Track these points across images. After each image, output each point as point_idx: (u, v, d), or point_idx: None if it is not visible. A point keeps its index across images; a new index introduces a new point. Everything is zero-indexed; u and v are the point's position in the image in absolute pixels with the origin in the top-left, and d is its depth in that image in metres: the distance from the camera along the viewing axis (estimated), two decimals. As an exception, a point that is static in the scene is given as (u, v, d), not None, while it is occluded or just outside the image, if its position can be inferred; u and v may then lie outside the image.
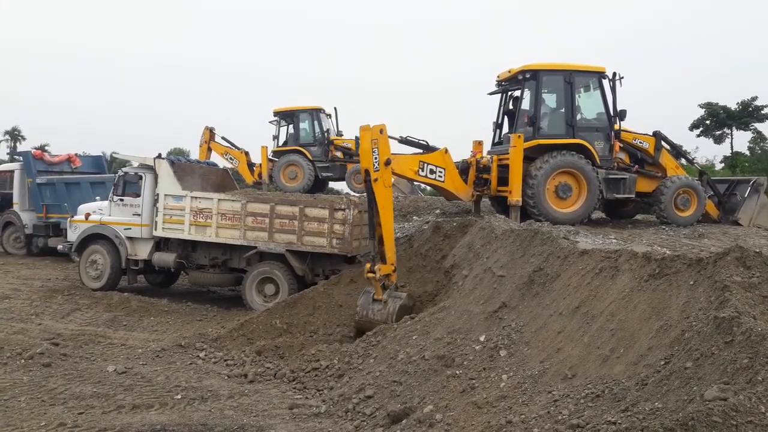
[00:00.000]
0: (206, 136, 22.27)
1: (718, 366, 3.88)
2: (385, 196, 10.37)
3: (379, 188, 10.33)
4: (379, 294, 9.68)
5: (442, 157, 12.48)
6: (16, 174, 19.81)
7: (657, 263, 5.54)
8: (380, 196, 10.30)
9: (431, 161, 12.26)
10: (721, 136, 39.95)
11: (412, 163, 11.99)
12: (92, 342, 9.35)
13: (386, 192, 10.42)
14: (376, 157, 10.31)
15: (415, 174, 12.02)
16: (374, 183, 10.24)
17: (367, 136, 10.26)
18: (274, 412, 6.66)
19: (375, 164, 10.22)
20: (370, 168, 10.25)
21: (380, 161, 10.37)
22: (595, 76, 12.89)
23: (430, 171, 12.17)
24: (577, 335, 5.68)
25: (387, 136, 10.71)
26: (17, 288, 13.51)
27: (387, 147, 10.69)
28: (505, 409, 5.19)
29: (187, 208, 12.61)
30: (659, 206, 13.11)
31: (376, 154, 10.31)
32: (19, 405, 6.60)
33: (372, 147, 10.28)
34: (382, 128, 10.53)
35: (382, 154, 10.41)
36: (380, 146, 10.43)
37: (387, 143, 10.72)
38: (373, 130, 10.37)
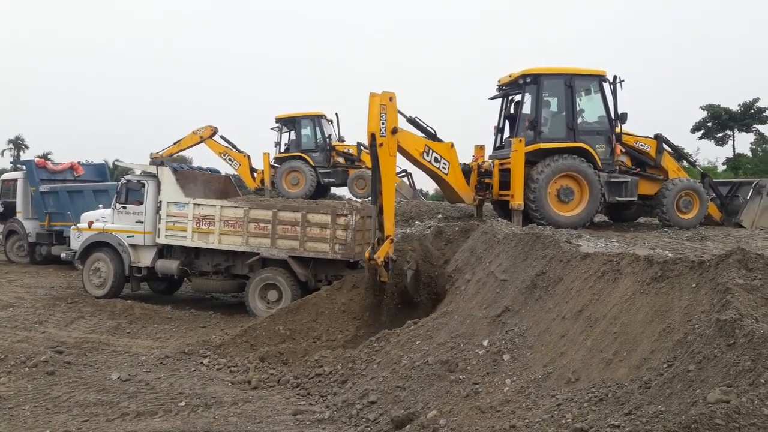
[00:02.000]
0: (207, 132, 22.23)
1: (721, 369, 3.88)
2: (389, 165, 10.29)
3: (384, 154, 10.21)
4: (385, 277, 9.65)
5: (448, 150, 12.45)
6: (19, 182, 19.89)
7: (659, 266, 5.55)
8: (384, 163, 10.21)
9: (437, 150, 12.21)
10: (723, 138, 39.91)
11: (419, 143, 11.89)
12: (96, 350, 9.36)
13: (390, 161, 10.34)
14: (384, 122, 10.21)
15: (419, 155, 11.89)
16: (379, 148, 10.15)
17: (377, 101, 10.21)
18: (278, 418, 6.66)
19: (382, 129, 10.13)
20: (376, 132, 10.15)
21: (387, 128, 10.27)
22: (595, 79, 12.91)
23: (435, 159, 12.09)
24: (580, 339, 5.68)
25: (396, 105, 10.62)
26: (21, 296, 13.55)
27: (395, 116, 10.61)
28: (508, 414, 5.19)
29: (190, 215, 12.63)
30: (661, 209, 13.10)
31: (384, 120, 10.21)
32: (24, 413, 6.62)
33: (380, 112, 10.21)
34: (392, 96, 10.46)
35: (390, 121, 10.31)
36: (388, 113, 10.34)
37: (395, 112, 10.64)
38: (382, 96, 10.32)
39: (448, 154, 12.39)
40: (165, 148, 22.36)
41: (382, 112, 10.25)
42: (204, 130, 22.24)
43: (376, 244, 9.93)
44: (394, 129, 10.36)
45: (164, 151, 21.95)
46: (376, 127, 10.15)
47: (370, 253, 9.80)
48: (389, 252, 9.78)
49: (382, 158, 10.17)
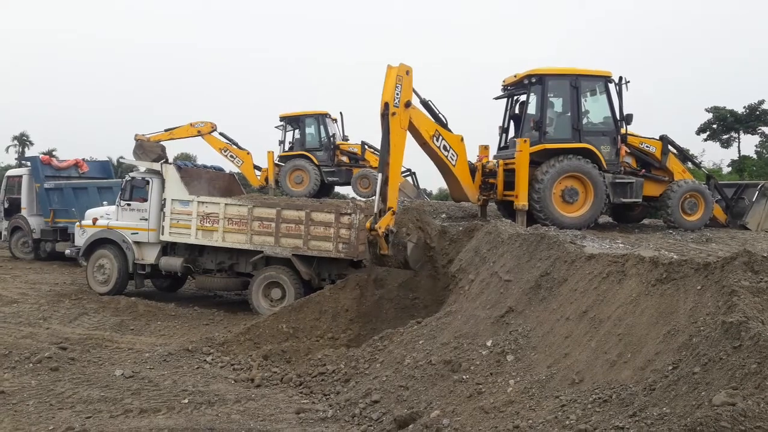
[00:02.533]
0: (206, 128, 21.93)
1: (727, 371, 3.87)
2: (399, 137, 10.30)
3: (395, 125, 10.23)
4: (385, 248, 9.63)
5: (457, 142, 12.44)
6: (24, 179, 19.95)
7: (664, 268, 5.53)
8: (394, 134, 10.23)
9: (447, 138, 12.17)
10: (728, 140, 39.78)
11: (430, 126, 11.83)
12: (100, 346, 9.38)
13: (401, 133, 10.34)
14: (398, 93, 10.25)
15: (429, 138, 11.83)
16: (391, 117, 10.18)
17: (393, 72, 10.28)
18: (281, 416, 6.67)
19: (396, 100, 10.17)
20: (390, 101, 10.19)
21: (401, 99, 10.31)
22: (601, 80, 12.89)
23: (444, 147, 12.05)
24: (584, 340, 5.66)
25: (412, 80, 10.63)
26: (25, 292, 13.58)
27: (410, 90, 10.65)
28: (512, 414, 5.18)
29: (194, 212, 12.66)
30: (666, 210, 13.07)
31: (399, 91, 10.26)
32: (28, 409, 6.63)
33: (396, 83, 10.27)
34: (409, 70, 10.52)
35: (404, 94, 10.34)
36: (404, 85, 10.39)
37: (410, 87, 10.68)
38: (399, 67, 10.38)
39: (458, 147, 12.40)
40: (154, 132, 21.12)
41: (397, 83, 10.31)
42: (203, 125, 21.88)
43: (378, 215, 9.91)
44: (408, 102, 10.40)
45: (152, 136, 20.62)
46: (390, 97, 10.20)
47: (371, 224, 9.82)
48: (390, 224, 9.79)
49: (393, 129, 10.18)
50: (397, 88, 10.29)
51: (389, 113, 10.19)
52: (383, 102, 10.28)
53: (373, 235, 9.66)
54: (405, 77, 10.46)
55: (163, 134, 21.25)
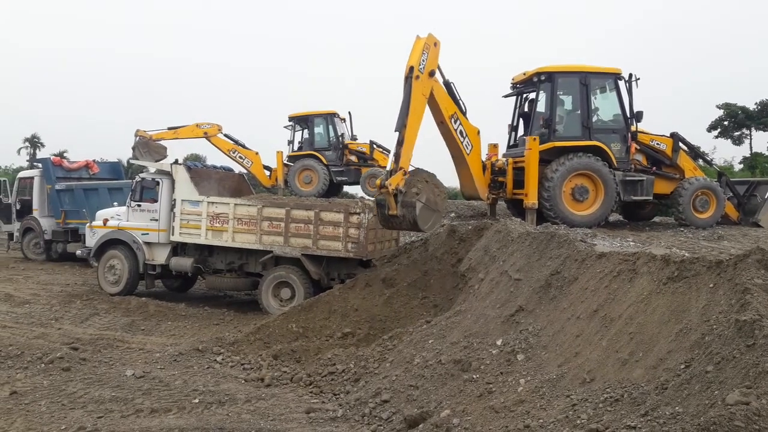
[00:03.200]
0: (213, 130, 21.88)
1: (740, 370, 3.82)
2: (419, 101, 10.50)
3: (417, 89, 10.41)
4: (393, 208, 9.69)
5: (474, 133, 12.50)
6: (35, 180, 20.09)
7: (676, 266, 5.48)
8: (415, 98, 10.40)
9: (465, 126, 12.27)
10: (740, 136, 39.52)
11: (451, 107, 11.95)
12: (111, 346, 9.43)
13: (421, 99, 10.53)
14: (424, 60, 10.46)
15: (447, 118, 11.95)
16: (414, 80, 10.36)
17: (422, 41, 10.55)
18: (291, 416, 6.67)
19: (421, 65, 10.37)
20: (415, 65, 10.38)
21: (426, 67, 10.52)
22: (610, 77, 12.83)
23: (461, 132, 12.19)
24: (595, 339, 5.63)
25: (438, 52, 10.82)
26: (37, 293, 13.68)
27: (435, 61, 10.83)
28: (523, 414, 5.16)
29: (204, 213, 12.70)
30: (677, 208, 12.99)
31: (425, 58, 10.47)
32: (40, 409, 6.67)
33: (423, 50, 10.50)
34: (437, 42, 10.74)
35: (430, 62, 10.56)
36: (430, 55, 10.59)
37: (436, 58, 10.87)
38: (428, 37, 10.64)
39: (474, 138, 12.48)
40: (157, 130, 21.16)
41: (425, 50, 10.53)
42: (210, 127, 21.83)
43: (390, 174, 10.04)
44: (432, 72, 10.63)
45: (155, 133, 20.82)
46: (416, 62, 10.42)
47: (382, 181, 9.96)
48: (400, 184, 9.84)
49: (415, 93, 10.37)
50: (423, 54, 10.47)
51: (413, 76, 10.34)
52: (408, 66, 10.43)
53: (382, 192, 9.82)
54: (432, 48, 10.64)
55: (167, 133, 21.15)
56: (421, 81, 10.47)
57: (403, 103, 10.41)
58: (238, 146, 22.23)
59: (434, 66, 10.73)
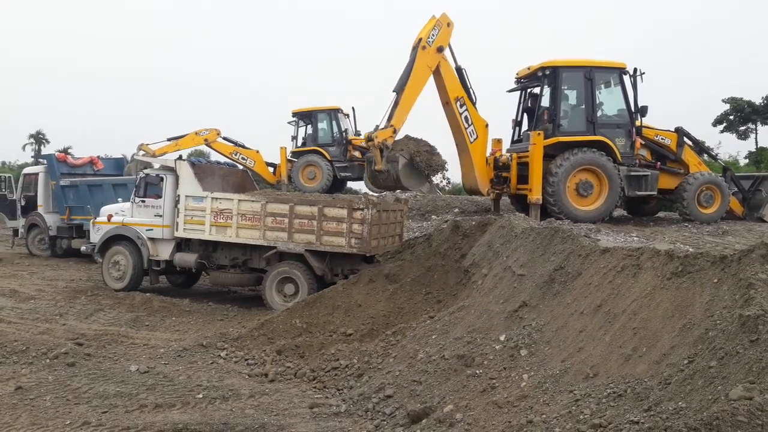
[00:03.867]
0: (212, 135, 22.02)
1: (744, 365, 3.81)
2: (422, 71, 11.00)
3: (421, 59, 10.92)
4: (379, 162, 10.18)
5: (482, 125, 12.58)
6: (40, 177, 20.15)
7: (680, 261, 5.46)
8: (417, 67, 10.92)
9: (472, 113, 12.44)
10: (745, 131, 39.33)
11: (458, 89, 12.18)
12: (115, 342, 9.46)
13: (425, 69, 11.03)
14: (434, 35, 10.94)
15: (453, 100, 12.18)
16: (421, 49, 10.87)
17: (433, 20, 11.01)
18: (295, 411, 6.69)
19: (430, 39, 10.87)
20: (424, 37, 10.92)
21: (435, 42, 10.99)
22: (615, 71, 12.79)
23: (466, 118, 12.40)
24: (598, 334, 5.62)
25: (451, 33, 11.25)
26: (42, 289, 13.74)
27: (446, 39, 11.26)
28: (525, 409, 5.16)
29: (208, 208, 12.71)
30: (682, 203, 12.95)
31: (435, 33, 10.95)
32: (45, 404, 6.71)
33: (435, 26, 10.99)
34: (450, 22, 11.21)
35: (440, 38, 11.03)
36: (441, 32, 11.08)
37: (448, 37, 11.29)
38: (442, 17, 11.12)
39: (480, 128, 12.55)
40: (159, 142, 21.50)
41: (436, 27, 11.04)
42: (209, 133, 22.02)
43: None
44: (441, 48, 11.10)
45: (158, 149, 21.08)
46: (426, 34, 11.00)
47: (369, 134, 10.54)
48: (387, 139, 10.46)
49: (419, 60, 10.92)
50: (435, 30, 10.99)
51: (420, 46, 10.84)
52: (417, 37, 10.92)
53: (369, 145, 10.31)
54: (445, 27, 11.09)
55: (169, 145, 21.41)
56: (427, 52, 10.92)
57: (405, 68, 10.92)
58: (239, 147, 22.37)
59: (444, 43, 11.08)
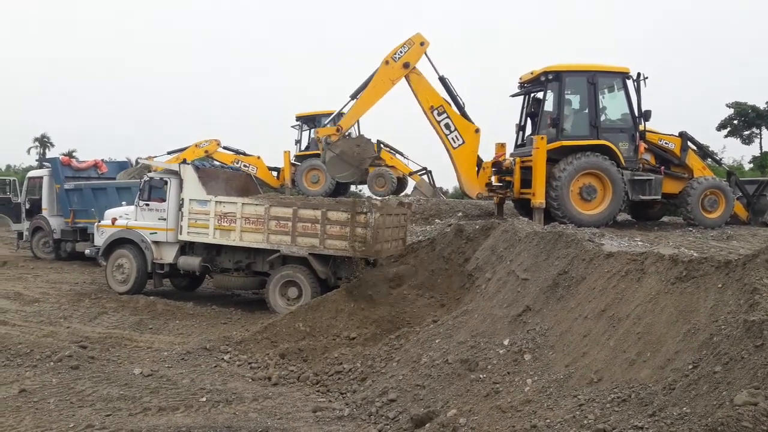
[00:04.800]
0: (212, 146, 22.20)
1: (749, 370, 3.80)
2: (382, 83, 11.91)
3: (383, 72, 11.85)
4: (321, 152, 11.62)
5: (470, 130, 12.70)
6: (44, 180, 20.19)
7: (684, 266, 5.46)
8: (378, 79, 11.91)
9: (455, 120, 12.76)
10: (749, 136, 39.24)
11: (434, 98, 12.60)
12: (119, 345, 9.47)
13: (385, 82, 11.92)
14: (402, 52, 11.71)
15: (428, 109, 12.63)
16: (384, 64, 11.79)
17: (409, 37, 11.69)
18: (298, 415, 6.69)
19: (395, 56, 11.71)
20: (391, 53, 11.73)
21: (402, 58, 11.73)
22: (618, 76, 12.79)
23: (446, 125, 12.76)
24: (602, 339, 5.61)
25: (423, 51, 11.86)
26: (46, 292, 13.76)
27: (415, 57, 11.92)
28: (529, 414, 5.15)
29: (212, 212, 12.72)
30: (686, 208, 12.93)
31: (403, 51, 11.70)
32: (49, 407, 6.72)
33: (405, 44, 11.72)
34: (424, 41, 11.86)
35: (407, 56, 11.71)
36: (411, 50, 11.77)
37: (418, 55, 11.93)
38: (416, 36, 11.78)
39: (467, 134, 12.70)
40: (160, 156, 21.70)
41: (406, 45, 11.76)
42: (209, 144, 22.20)
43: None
44: (407, 63, 11.79)
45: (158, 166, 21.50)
46: (393, 51, 11.76)
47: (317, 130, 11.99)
48: (330, 136, 11.93)
49: (380, 74, 11.92)
50: (404, 47, 11.73)
51: (384, 61, 11.76)
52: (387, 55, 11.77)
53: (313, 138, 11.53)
54: (417, 46, 11.71)
55: (170, 159, 21.55)
56: (390, 67, 11.76)
57: (368, 78, 11.83)
58: (240, 155, 22.49)
59: (411, 60, 11.72)
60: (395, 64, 11.77)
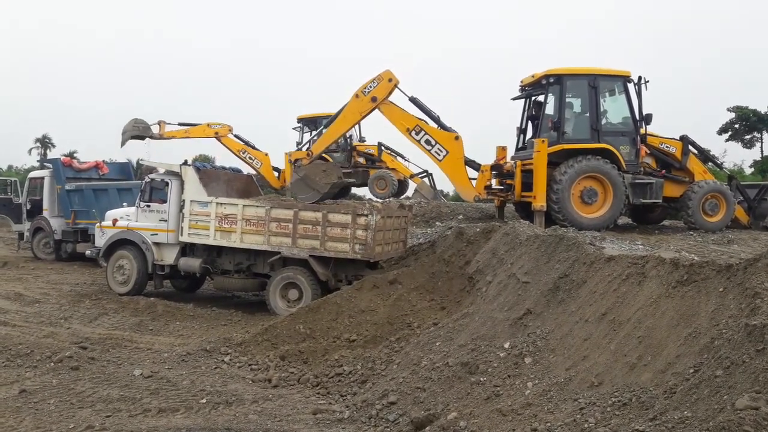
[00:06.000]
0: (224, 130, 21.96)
1: (750, 374, 3.80)
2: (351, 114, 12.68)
3: (353, 105, 12.57)
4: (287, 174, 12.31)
5: (449, 140, 12.96)
6: (45, 181, 20.19)
7: (685, 269, 5.45)
8: (348, 110, 12.63)
9: (433, 134, 13.05)
10: (750, 140, 39.20)
11: (408, 120, 13.01)
12: (119, 346, 9.47)
13: (354, 114, 12.71)
14: (371, 87, 12.37)
15: (405, 131, 13.06)
16: (354, 97, 12.44)
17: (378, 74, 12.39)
18: (298, 417, 6.68)
19: (365, 90, 12.37)
20: (361, 87, 12.41)
21: (370, 92, 12.41)
22: (620, 80, 12.79)
23: (426, 141, 13.06)
24: (603, 342, 5.61)
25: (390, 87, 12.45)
26: (47, 292, 13.76)
27: (383, 92, 12.48)
28: (530, 417, 5.15)
29: (213, 213, 12.72)
30: (687, 211, 12.92)
31: (372, 87, 12.37)
32: (49, 407, 6.72)
33: (374, 80, 12.39)
34: (392, 78, 12.44)
35: (376, 91, 12.36)
36: (380, 86, 12.40)
37: (386, 91, 12.48)
38: (386, 72, 12.44)
39: (449, 144, 12.91)
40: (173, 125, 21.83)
41: (375, 80, 12.41)
42: (221, 128, 21.91)
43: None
44: (374, 98, 12.41)
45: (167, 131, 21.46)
46: (363, 87, 12.44)
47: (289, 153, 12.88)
48: (302, 160, 12.73)
49: (350, 106, 12.62)
50: (373, 83, 12.36)
51: (354, 94, 12.46)
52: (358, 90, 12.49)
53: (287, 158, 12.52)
54: (385, 82, 12.38)
55: (178, 131, 21.45)
56: (360, 100, 12.46)
57: (340, 109, 12.78)
58: (248, 147, 22.28)
59: (379, 95, 12.41)
60: (364, 98, 12.44)
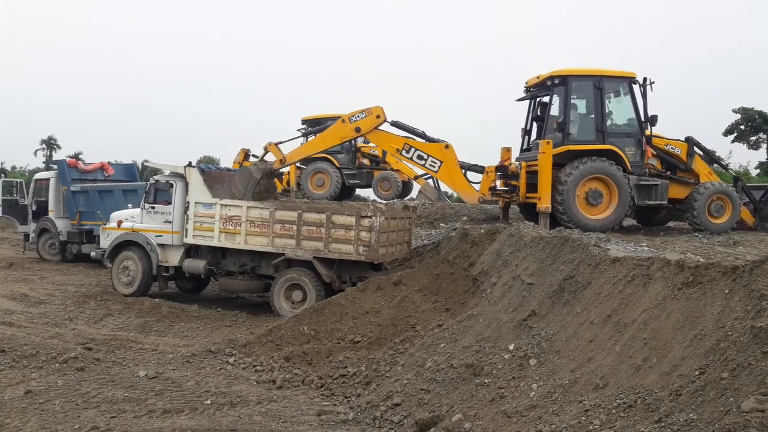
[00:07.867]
0: (240, 156, 22.24)
1: (756, 376, 3.78)
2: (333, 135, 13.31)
3: (337, 128, 13.17)
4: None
5: (440, 150, 13.16)
6: (51, 182, 20.27)
7: (691, 271, 5.43)
8: (331, 131, 13.28)
9: (423, 148, 13.35)
10: (756, 141, 39.04)
11: (396, 141, 13.41)
12: (124, 347, 9.49)
13: (334, 138, 13.42)
14: (357, 117, 12.95)
15: (395, 152, 13.58)
16: (340, 122, 13.12)
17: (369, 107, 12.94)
18: (302, 418, 6.68)
19: (352, 119, 12.99)
20: (349, 115, 13.03)
21: (356, 122, 12.92)
22: (625, 81, 12.77)
23: (419, 156, 13.38)
24: (608, 344, 5.59)
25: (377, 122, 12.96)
26: (52, 293, 13.81)
27: (368, 125, 13.04)
28: (535, 419, 5.13)
29: (217, 215, 12.75)
30: (692, 213, 12.88)
31: (359, 117, 12.94)
32: (54, 408, 6.73)
33: (363, 111, 12.95)
34: (380, 114, 12.98)
35: (361, 123, 12.95)
36: (367, 119, 12.90)
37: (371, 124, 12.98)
38: (375, 108, 12.96)
39: (441, 154, 13.10)
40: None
41: (364, 112, 12.96)
42: (238, 156, 22.25)
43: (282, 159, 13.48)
44: (358, 128, 13.05)
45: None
46: (351, 115, 13.00)
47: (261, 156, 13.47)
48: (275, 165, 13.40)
49: (334, 128, 13.23)
50: (361, 114, 12.95)
51: (341, 119, 13.06)
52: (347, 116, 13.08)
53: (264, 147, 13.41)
54: (372, 116, 12.91)
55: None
56: (345, 126, 13.03)
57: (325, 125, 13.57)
58: None
59: (364, 127, 13.00)
60: (349, 125, 12.94)
